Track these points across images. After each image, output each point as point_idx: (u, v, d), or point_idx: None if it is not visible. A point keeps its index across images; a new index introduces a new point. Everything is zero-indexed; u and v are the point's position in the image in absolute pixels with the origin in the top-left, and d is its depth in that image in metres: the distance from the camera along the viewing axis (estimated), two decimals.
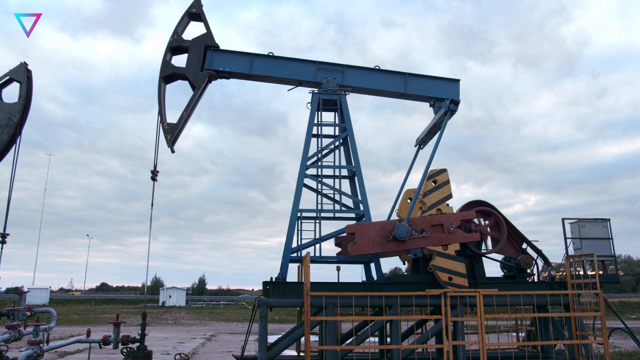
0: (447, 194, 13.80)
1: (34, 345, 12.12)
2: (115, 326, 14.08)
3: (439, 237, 13.17)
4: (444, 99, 15.04)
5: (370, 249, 12.69)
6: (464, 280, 13.18)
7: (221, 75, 15.10)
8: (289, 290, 13.50)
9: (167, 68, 14.66)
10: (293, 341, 13.50)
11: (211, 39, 15.03)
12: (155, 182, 14.17)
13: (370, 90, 15.67)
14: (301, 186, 14.49)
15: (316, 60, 15.49)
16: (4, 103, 14.24)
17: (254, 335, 27.86)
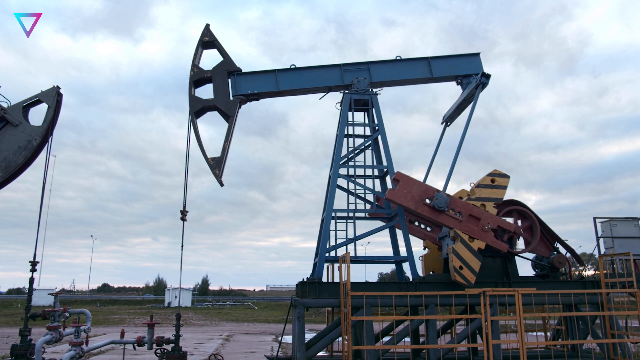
0: (497, 197, 13.88)
1: (75, 346, 12.07)
2: (150, 327, 14.04)
3: (471, 227, 13.33)
4: (470, 74, 15.48)
5: (405, 201, 13.05)
6: (472, 277, 13.21)
7: (250, 98, 14.94)
8: (325, 291, 13.50)
9: (196, 103, 14.33)
10: (330, 341, 13.50)
11: (231, 64, 14.85)
12: (185, 222, 13.80)
13: (398, 81, 15.78)
14: (335, 186, 14.48)
15: (339, 63, 15.51)
16: (28, 125, 14.09)
17: (268, 335, 27.90)
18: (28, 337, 13.58)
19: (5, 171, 13.44)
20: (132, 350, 17.13)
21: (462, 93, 15.64)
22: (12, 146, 13.59)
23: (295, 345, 13.02)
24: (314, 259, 15.41)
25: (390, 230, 15.20)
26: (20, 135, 13.74)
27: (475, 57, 15.95)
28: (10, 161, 13.49)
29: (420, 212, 13.07)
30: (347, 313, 11.99)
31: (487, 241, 13.51)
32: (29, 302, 14.01)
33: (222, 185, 14.11)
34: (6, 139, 13.66)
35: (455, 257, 13.26)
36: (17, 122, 13.80)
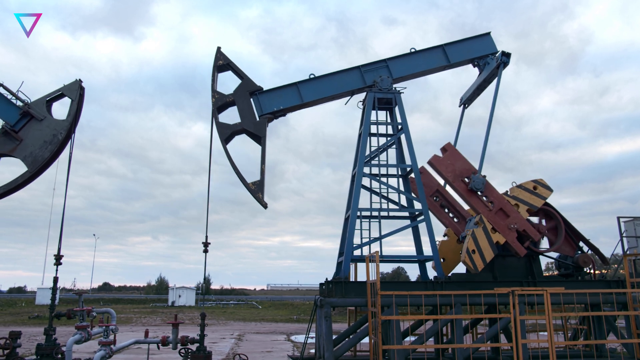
0: (533, 204, 13.94)
1: (105, 346, 12.01)
2: (174, 327, 13.98)
3: (497, 220, 13.44)
4: (486, 55, 15.76)
5: (446, 171, 13.63)
6: (480, 264, 13.27)
7: (277, 115, 14.80)
8: (351, 290, 13.45)
9: (224, 130, 14.14)
10: (358, 340, 13.44)
11: (251, 84, 14.70)
12: (207, 253, 13.77)
13: (418, 73, 15.81)
14: (359, 186, 14.43)
15: (358, 65, 15.48)
16: (52, 119, 14.09)
17: (278, 335, 27.83)
18: (53, 337, 13.55)
19: (32, 166, 13.38)
20: (154, 350, 17.05)
21: (481, 74, 15.90)
22: (38, 141, 13.57)
23: (323, 345, 12.96)
24: (337, 259, 15.37)
25: (413, 229, 15.13)
26: (45, 130, 13.71)
27: (487, 37, 16.16)
28: (37, 156, 13.46)
29: (455, 187, 13.32)
30: (377, 312, 11.92)
31: (508, 239, 13.57)
32: (53, 301, 13.93)
33: (266, 207, 13.97)
34: (31, 133, 13.64)
35: (471, 240, 13.37)
36: (41, 117, 13.79)
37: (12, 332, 13.69)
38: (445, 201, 15.86)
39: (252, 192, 13.90)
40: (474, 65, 16.26)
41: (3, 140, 13.61)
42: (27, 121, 13.74)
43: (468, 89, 16.86)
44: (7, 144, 13.59)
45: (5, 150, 13.59)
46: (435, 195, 15.99)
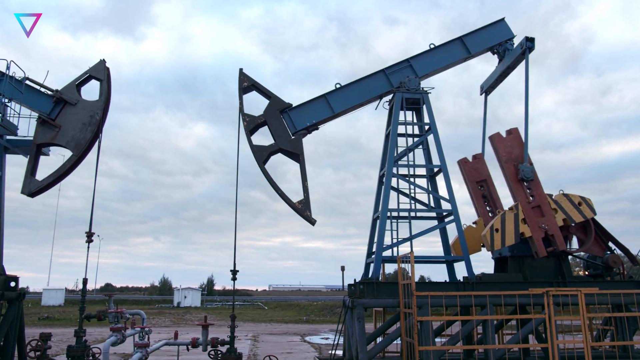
0: (572, 216, 13.96)
1: (141, 348, 11.95)
2: (204, 328, 13.92)
3: (531, 214, 13.59)
4: (504, 41, 15.95)
5: (503, 150, 14.12)
6: (498, 245, 13.43)
7: (310, 129, 14.71)
8: (383, 291, 13.41)
9: (261, 153, 14.07)
10: (390, 341, 13.40)
11: (280, 102, 14.60)
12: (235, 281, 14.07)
13: (441, 69, 15.85)
14: (389, 186, 14.39)
15: (382, 69, 15.46)
16: (86, 101, 14.16)
17: (292, 336, 27.71)
18: (83, 338, 13.49)
19: (76, 149, 13.50)
20: (182, 352, 16.96)
21: (503, 62, 16.00)
22: (77, 124, 13.69)
23: (354, 346, 12.90)
24: (365, 259, 15.34)
25: (441, 230, 15.10)
26: (81, 113, 13.82)
27: (502, 23, 16.29)
28: (79, 139, 13.57)
29: (506, 168, 13.65)
30: (413, 313, 11.87)
31: (534, 236, 13.62)
32: (82, 303, 13.89)
33: (314, 223, 13.90)
34: (69, 118, 13.75)
35: (499, 220, 13.53)
36: (75, 101, 13.91)
37: (43, 334, 13.66)
38: (487, 192, 16.07)
39: (299, 211, 13.81)
40: (493, 52, 16.40)
41: (43, 131, 13.73)
42: (62, 107, 13.86)
43: (489, 76, 17.02)
44: (47, 132, 13.73)
45: (47, 139, 13.74)
46: (481, 184, 16.29)
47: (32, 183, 13.48)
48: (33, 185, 13.45)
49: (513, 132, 14.26)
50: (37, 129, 13.77)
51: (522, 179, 13.83)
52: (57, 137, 13.66)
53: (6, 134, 13.98)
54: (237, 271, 13.90)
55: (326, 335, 31.07)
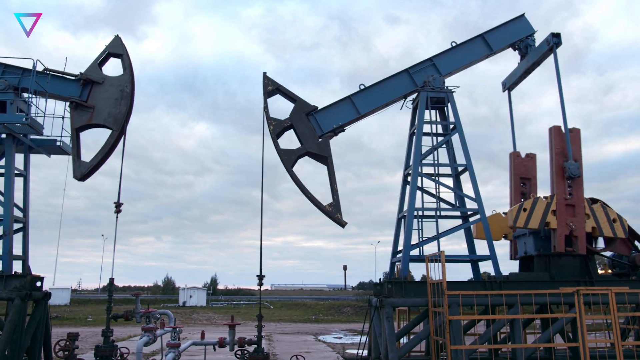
0: (602, 228, 14.06)
1: (173, 348, 11.93)
2: (231, 328, 13.91)
3: (563, 209, 13.71)
4: (524, 37, 16.07)
5: (558, 145, 14.33)
6: (521, 223, 13.64)
7: (337, 131, 14.67)
8: (411, 290, 13.38)
9: (289, 157, 14.01)
10: (419, 340, 13.38)
11: (306, 105, 14.57)
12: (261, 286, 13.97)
13: (464, 67, 15.83)
14: (415, 185, 14.34)
15: (406, 68, 15.43)
16: (112, 77, 14.32)
17: (304, 335, 27.66)
18: (110, 338, 13.46)
19: (115, 124, 13.70)
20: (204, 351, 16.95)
21: (527, 58, 16.00)
22: (109, 101, 13.85)
23: (383, 345, 12.87)
24: (390, 259, 15.31)
25: (465, 230, 15.06)
26: (111, 89, 13.97)
27: (522, 19, 16.29)
28: (116, 114, 13.74)
29: (556, 159, 13.95)
30: (445, 313, 11.83)
31: (558, 230, 13.68)
32: (110, 303, 13.86)
33: (345, 225, 13.89)
34: (100, 97, 13.92)
35: (531, 202, 13.78)
36: (101, 80, 14.08)
37: (70, 334, 13.65)
38: (528, 191, 16.17)
39: (329, 214, 13.79)
40: (515, 48, 16.42)
41: (78, 114, 13.86)
42: (90, 89, 14.00)
43: (511, 73, 17.05)
44: (83, 115, 13.88)
45: (84, 122, 13.85)
46: (524, 181, 16.41)
47: (81, 166, 13.67)
48: (83, 167, 13.65)
49: (574, 131, 14.44)
50: (72, 114, 13.95)
51: (569, 177, 13.93)
52: (93, 118, 13.87)
53: (32, 133, 13.96)
54: (263, 276, 13.87)
55: (339, 334, 31.07)
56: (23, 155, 14.64)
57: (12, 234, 13.47)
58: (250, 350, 13.58)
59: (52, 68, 14.22)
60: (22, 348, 12.76)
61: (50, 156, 15.74)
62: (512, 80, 17.04)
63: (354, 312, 49.65)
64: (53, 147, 15.00)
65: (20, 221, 14.31)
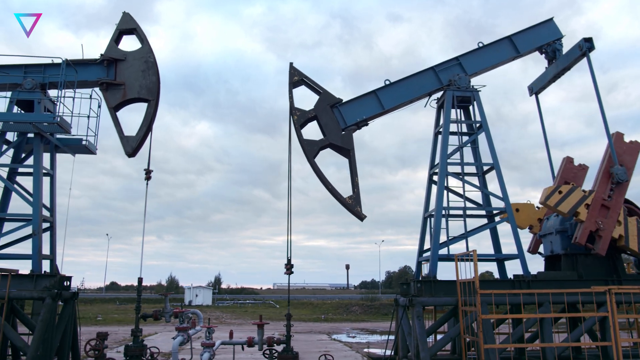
0: (630, 241, 14.00)
1: (209, 347, 11.93)
2: (259, 327, 13.90)
3: (596, 208, 13.77)
4: (552, 42, 16.05)
5: (618, 149, 14.55)
6: (552, 202, 13.73)
7: (360, 125, 14.70)
8: (440, 289, 13.38)
9: (312, 147, 14.09)
10: (449, 339, 13.39)
11: (331, 97, 14.63)
12: (290, 274, 14.04)
13: (490, 67, 15.84)
14: (443, 184, 14.35)
15: (432, 66, 15.45)
16: (133, 51, 14.53)
17: (317, 334, 27.54)
18: (140, 338, 13.48)
19: (150, 94, 14.04)
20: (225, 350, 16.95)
21: (557, 63, 16.04)
22: (137, 74, 14.19)
23: (413, 344, 12.87)
24: (417, 258, 15.31)
25: (491, 229, 15.05)
26: (134, 63, 14.28)
27: (551, 23, 16.28)
28: (148, 84, 14.15)
29: (605, 162, 14.32)
30: (478, 312, 11.84)
31: (585, 224, 13.67)
32: (138, 302, 13.89)
33: (364, 218, 13.91)
34: (127, 72, 14.22)
35: (569, 189, 13.88)
36: (123, 56, 14.34)
37: (100, 333, 13.64)
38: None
39: (349, 206, 13.81)
40: (541, 52, 16.42)
41: (111, 94, 14.11)
42: (115, 67, 14.24)
43: (539, 78, 17.09)
44: (116, 93, 14.14)
45: (119, 99, 14.11)
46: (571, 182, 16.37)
47: (129, 140, 13.93)
48: (132, 141, 13.93)
49: (634, 143, 14.72)
50: (105, 96, 14.19)
51: (617, 182, 14.07)
52: (126, 93, 14.13)
53: (60, 132, 13.95)
54: (292, 265, 13.86)
55: (351, 333, 31.07)
56: (49, 154, 14.66)
57: (41, 234, 13.46)
58: (279, 350, 13.59)
59: (71, 59, 14.31)
60: (53, 347, 12.79)
61: (74, 155, 15.76)
62: (540, 84, 17.02)
63: (362, 311, 49.67)
64: (79, 146, 15.02)
65: (48, 220, 14.32)
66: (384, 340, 26.63)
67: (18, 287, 12.82)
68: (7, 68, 13.94)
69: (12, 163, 14.25)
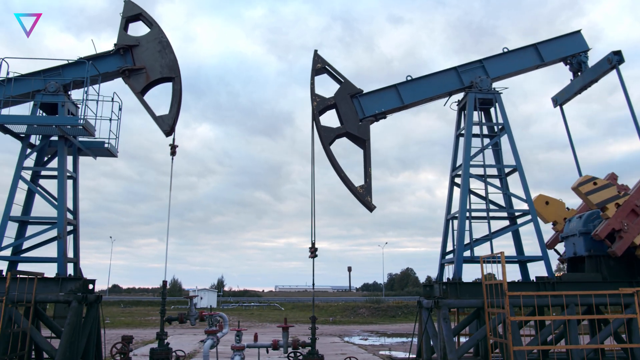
0: None
1: (239, 351, 11.91)
2: (284, 330, 13.87)
3: (627, 210, 13.73)
4: (577, 53, 15.94)
5: None
6: (584, 190, 13.81)
7: (378, 117, 14.76)
8: (465, 291, 13.37)
9: (328, 134, 14.16)
10: (475, 342, 13.37)
11: (352, 87, 14.75)
12: (315, 257, 13.80)
13: (513, 73, 15.82)
14: (467, 187, 14.35)
15: (455, 66, 15.48)
16: (142, 36, 14.76)
17: (328, 337, 27.44)
18: (165, 341, 13.46)
19: (172, 70, 14.38)
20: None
21: (583, 75, 15.96)
22: (154, 55, 14.51)
23: (441, 346, 12.85)
24: (440, 260, 15.30)
25: (513, 231, 15.03)
26: (149, 45, 14.59)
27: (578, 35, 16.21)
28: (168, 62, 14.43)
29: None
30: (506, 314, 11.83)
31: (611, 221, 13.66)
32: (163, 305, 13.88)
33: (373, 209, 13.94)
34: (144, 56, 14.52)
35: (605, 181, 14.07)
36: (136, 42, 14.64)
37: (125, 336, 13.65)
38: None
39: (359, 195, 13.82)
40: (566, 63, 16.34)
41: (134, 80, 14.41)
42: (131, 53, 14.50)
43: (564, 90, 16.87)
44: (139, 78, 14.45)
45: (144, 83, 14.42)
46: None
47: (164, 119, 14.31)
48: (167, 119, 14.32)
49: None
50: (129, 83, 14.45)
51: None
52: (149, 76, 14.44)
53: (85, 135, 13.92)
54: (316, 249, 13.83)
55: (362, 336, 31.07)
56: (72, 157, 14.66)
57: (66, 237, 13.46)
58: (303, 353, 13.55)
59: (85, 55, 14.44)
60: (79, 350, 12.77)
61: (96, 158, 15.77)
62: (566, 97, 16.90)
63: (370, 313, 49.60)
64: (101, 149, 15.04)
65: (72, 223, 14.31)
66: (397, 343, 26.61)
67: (44, 290, 12.79)
68: (27, 77, 13.88)
69: (35, 166, 14.24)
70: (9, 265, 13.76)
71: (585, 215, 14.77)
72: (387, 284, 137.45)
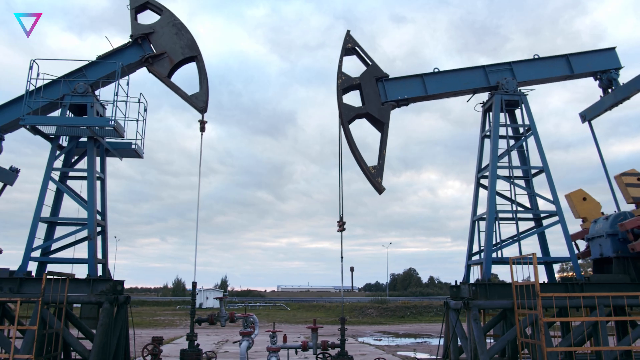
0: None
1: (274, 352, 11.94)
2: (313, 331, 13.91)
3: None
4: (608, 70, 15.73)
5: None
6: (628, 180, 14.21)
7: (400, 103, 14.90)
8: (495, 292, 13.40)
9: (348, 112, 14.33)
10: (506, 342, 13.39)
11: (378, 70, 14.89)
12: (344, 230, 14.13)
13: (540, 80, 15.78)
14: (495, 188, 14.36)
15: (483, 65, 15.49)
16: (156, 22, 14.93)
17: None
18: (195, 342, 13.49)
19: (194, 49, 14.66)
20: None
21: (615, 93, 15.58)
22: (172, 38, 14.74)
23: (471, 347, 12.88)
24: (466, 261, 15.33)
25: (539, 233, 15.05)
26: (163, 30, 14.80)
27: (612, 52, 16.08)
28: (187, 42, 14.69)
29: None
30: (539, 315, 11.85)
31: (633, 221, 13.80)
32: (193, 306, 13.90)
33: (382, 191, 14.02)
34: (162, 41, 14.73)
35: None
36: (150, 29, 14.72)
37: (155, 338, 13.67)
38: None
39: (371, 175, 14.03)
40: (596, 78, 16.08)
41: (159, 66, 14.61)
42: (149, 41, 14.66)
43: (593, 106, 16.41)
44: (163, 63, 14.67)
45: (169, 67, 14.64)
46: None
47: (198, 97, 14.51)
48: (200, 96, 14.49)
49: None
50: (153, 70, 14.60)
51: None
52: (172, 59, 14.63)
53: (115, 136, 13.94)
54: (344, 222, 14.10)
55: (375, 337, 31.11)
56: (99, 158, 14.68)
57: (96, 238, 13.50)
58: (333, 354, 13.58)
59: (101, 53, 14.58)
60: (111, 351, 12.81)
61: (122, 159, 15.81)
62: (594, 113, 16.56)
63: (378, 314, 49.66)
64: (128, 150, 15.10)
65: (100, 224, 14.35)
66: (413, 344, 26.64)
67: (75, 291, 12.83)
68: (52, 84, 13.88)
69: (63, 167, 14.27)
70: (39, 266, 13.82)
71: (612, 217, 14.79)
72: (389, 284, 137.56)
